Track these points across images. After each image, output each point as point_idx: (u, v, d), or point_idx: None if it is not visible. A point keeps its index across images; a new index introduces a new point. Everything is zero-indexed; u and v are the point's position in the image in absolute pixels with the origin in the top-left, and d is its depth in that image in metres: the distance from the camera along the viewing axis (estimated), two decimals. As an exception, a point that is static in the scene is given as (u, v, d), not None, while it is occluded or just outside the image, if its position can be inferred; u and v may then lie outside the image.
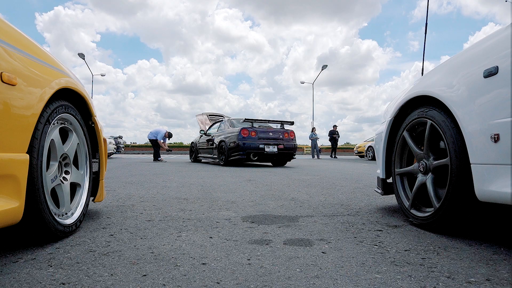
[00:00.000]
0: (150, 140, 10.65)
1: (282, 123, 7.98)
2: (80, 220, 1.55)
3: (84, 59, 24.75)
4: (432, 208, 1.55)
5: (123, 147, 16.96)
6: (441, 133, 1.51)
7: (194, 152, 10.17)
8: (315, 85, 28.72)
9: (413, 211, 1.70)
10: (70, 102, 1.54)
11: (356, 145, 18.65)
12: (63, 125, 1.49)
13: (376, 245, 1.36)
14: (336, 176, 4.96)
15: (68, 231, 1.42)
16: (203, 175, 4.95)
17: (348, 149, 36.32)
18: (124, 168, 6.47)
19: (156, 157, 10.51)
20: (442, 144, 1.63)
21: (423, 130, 1.71)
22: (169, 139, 11.13)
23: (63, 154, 1.47)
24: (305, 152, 27.98)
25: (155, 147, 10.67)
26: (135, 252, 1.24)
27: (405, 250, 1.29)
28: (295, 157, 8.13)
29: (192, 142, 10.49)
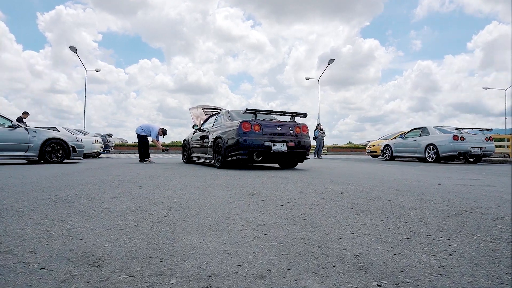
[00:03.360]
0: (139, 136, 8.85)
1: (293, 115, 6.41)
2: None
3: (76, 52, 23.31)
4: None
5: (112, 146, 15.45)
6: None
7: (187, 151, 8.65)
8: (318, 84, 27.12)
9: None
10: None
11: (369, 144, 17.03)
12: None
13: None
14: (377, 186, 3.42)
15: None
16: (186, 184, 3.43)
17: (351, 148, 34.81)
18: (89, 172, 4.95)
19: (144, 157, 8.93)
20: None
21: None
22: (163, 137, 9.43)
23: None
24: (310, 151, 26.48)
25: (144, 144, 9.00)
26: None
27: None
28: (308, 157, 6.58)
29: (185, 140, 8.95)
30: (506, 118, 28.91)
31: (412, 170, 6.28)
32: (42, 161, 7.72)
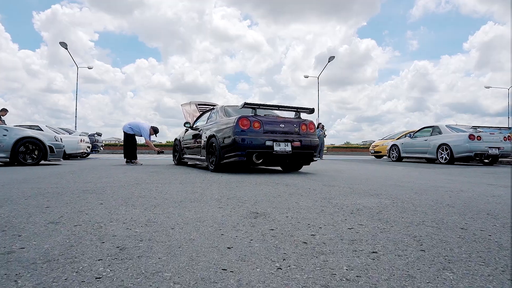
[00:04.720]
0: (126, 134, 7.80)
1: (298, 110, 5.56)
2: None
3: (66, 48, 22.33)
4: None
5: (102, 146, 14.54)
6: None
7: (178, 152, 7.79)
8: (315, 83, 26.42)
9: None
10: None
11: (372, 144, 16.23)
12: None
13: None
14: (416, 199, 2.60)
15: None
16: (167, 196, 2.59)
17: (350, 148, 34.12)
18: (55, 178, 4.08)
19: (130, 158, 8.01)
20: None
21: None
22: (156, 136, 8.43)
23: None
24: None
25: (131, 144, 7.99)
26: None
27: None
28: (315, 159, 5.75)
29: (176, 139, 8.09)
30: (509, 118, 28.28)
31: (433, 173, 5.47)
32: (16, 163, 6.86)
